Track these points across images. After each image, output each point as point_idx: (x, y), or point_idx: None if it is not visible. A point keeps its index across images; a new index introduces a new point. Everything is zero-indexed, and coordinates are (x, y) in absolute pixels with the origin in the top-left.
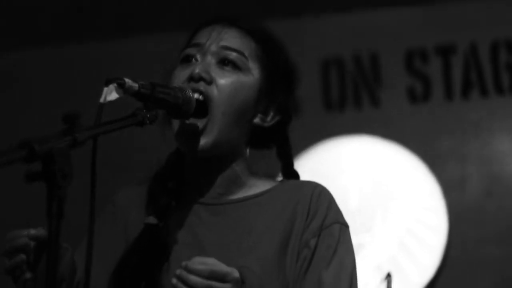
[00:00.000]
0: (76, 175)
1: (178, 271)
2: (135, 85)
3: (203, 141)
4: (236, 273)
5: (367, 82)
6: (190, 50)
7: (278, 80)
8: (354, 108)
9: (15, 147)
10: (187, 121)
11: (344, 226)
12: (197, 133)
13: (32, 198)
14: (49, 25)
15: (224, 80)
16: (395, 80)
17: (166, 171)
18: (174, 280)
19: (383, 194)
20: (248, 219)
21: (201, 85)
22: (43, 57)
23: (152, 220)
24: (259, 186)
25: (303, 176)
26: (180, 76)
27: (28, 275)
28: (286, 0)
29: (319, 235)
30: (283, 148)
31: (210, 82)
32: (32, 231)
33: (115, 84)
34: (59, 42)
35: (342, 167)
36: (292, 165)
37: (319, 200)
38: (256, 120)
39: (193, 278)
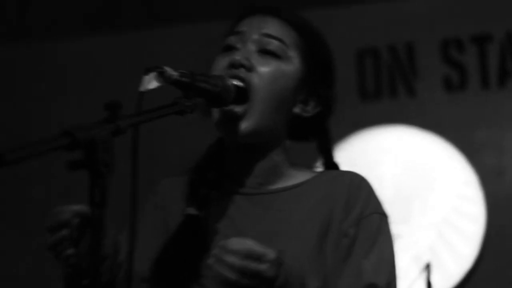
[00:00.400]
0: (117, 163)
1: (215, 250)
2: (175, 74)
3: (244, 125)
4: (273, 254)
5: (402, 72)
6: (232, 39)
7: (319, 71)
8: (390, 98)
9: (58, 135)
10: (227, 108)
11: (384, 216)
12: (237, 118)
13: (75, 187)
14: (82, 15)
15: (265, 67)
16: (430, 70)
17: (206, 161)
18: (211, 260)
19: (420, 184)
20: (288, 209)
21: (241, 72)
22: (78, 47)
23: (192, 210)
24: (298, 177)
25: (341, 165)
26: (221, 64)
27: (70, 250)
28: None
29: (358, 225)
30: (323, 141)
31: (250, 69)
32: (75, 207)
33: (155, 73)
34: (93, 32)
35: (378, 157)
36: (332, 158)
37: (359, 189)
38: (296, 109)
39: (230, 258)
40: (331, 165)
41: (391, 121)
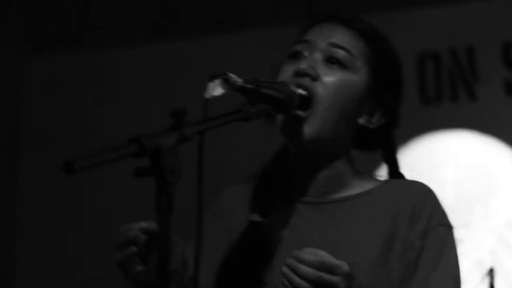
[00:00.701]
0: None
1: (288, 260)
2: (240, 80)
3: (306, 129)
4: (346, 267)
5: (463, 76)
6: (299, 47)
7: (386, 83)
8: (451, 103)
9: (125, 143)
10: (292, 112)
11: (449, 227)
12: (301, 121)
13: (142, 194)
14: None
15: (330, 77)
16: (492, 74)
17: (272, 168)
18: (285, 269)
19: (481, 188)
20: (352, 218)
21: (306, 81)
22: (139, 54)
23: (256, 217)
24: (362, 186)
25: (402, 170)
26: (286, 71)
27: (139, 267)
28: None
29: (425, 237)
30: (389, 151)
31: (315, 78)
32: (143, 224)
33: (220, 79)
34: (156, 38)
35: (440, 162)
36: (398, 168)
37: (424, 200)
38: (361, 120)
39: (303, 268)
40: (397, 175)
41: (452, 126)
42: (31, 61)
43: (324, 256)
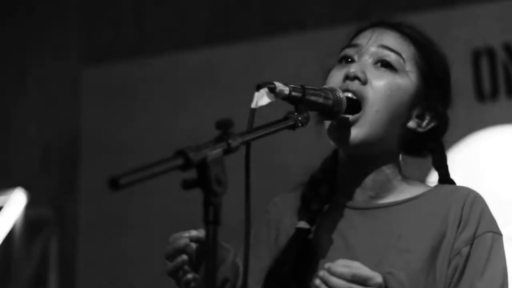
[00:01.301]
0: (231, 179)
1: (321, 273)
2: (286, 89)
3: (355, 132)
4: (379, 278)
5: None
6: (348, 51)
7: (436, 87)
8: (507, 98)
9: (171, 156)
10: (339, 117)
11: (498, 234)
12: (349, 124)
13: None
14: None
15: (380, 80)
16: None
17: (320, 175)
18: (317, 281)
19: None
20: (399, 223)
21: (355, 84)
22: (196, 58)
23: (303, 224)
24: (410, 191)
25: (458, 167)
26: (336, 76)
27: (190, 276)
28: None
29: (472, 244)
30: (439, 157)
31: (365, 82)
32: (193, 233)
33: (266, 89)
34: (210, 42)
35: (495, 158)
36: (448, 174)
37: (472, 207)
38: (411, 124)
39: (335, 280)
40: (447, 181)
41: (508, 122)
42: (88, 71)
43: (357, 268)
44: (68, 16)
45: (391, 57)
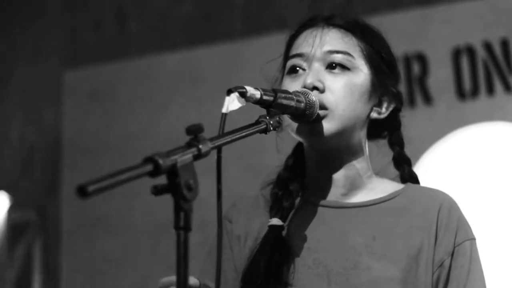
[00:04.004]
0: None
1: None
2: (257, 93)
3: (326, 125)
4: None
5: (499, 69)
6: (296, 61)
7: (385, 69)
8: (487, 96)
9: (141, 162)
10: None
11: (474, 240)
12: (319, 119)
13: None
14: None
15: (336, 84)
16: None
17: (287, 173)
18: None
19: None
20: (373, 224)
21: (315, 94)
22: (177, 59)
23: (276, 221)
24: (381, 189)
25: (438, 164)
26: (292, 87)
27: None
28: None
29: (452, 254)
30: (395, 135)
31: (323, 90)
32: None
33: (236, 93)
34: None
35: (476, 155)
36: (404, 152)
37: (450, 215)
38: (374, 114)
39: None
40: (403, 160)
41: (489, 119)
42: (70, 73)
43: None
44: (49, 18)
45: (339, 57)
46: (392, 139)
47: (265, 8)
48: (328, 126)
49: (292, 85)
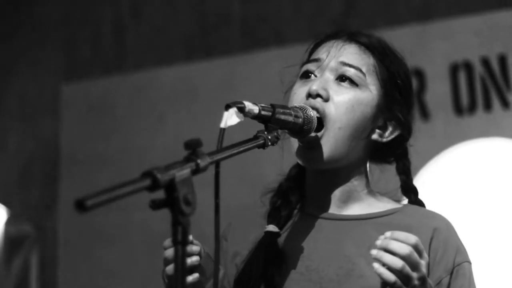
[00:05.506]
0: None
1: (379, 241)
2: (255, 108)
3: (318, 153)
4: (424, 269)
5: (496, 85)
6: (310, 66)
7: (397, 95)
8: (485, 112)
9: (139, 177)
10: (307, 136)
11: (470, 263)
12: (313, 145)
13: None
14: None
15: (341, 97)
16: None
17: (288, 183)
18: (374, 251)
19: None
20: (367, 235)
21: (318, 102)
22: (176, 74)
23: (272, 228)
24: (378, 205)
25: (436, 180)
26: (299, 93)
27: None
28: (413, 6)
29: (452, 273)
30: (402, 163)
31: (327, 99)
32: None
33: (235, 109)
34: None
35: (473, 171)
36: (411, 180)
37: (449, 235)
38: (374, 135)
39: (396, 244)
40: (410, 189)
41: (486, 135)
42: (68, 87)
43: (417, 239)
44: (48, 31)
45: (351, 72)
46: (397, 167)
47: (263, 23)
48: (320, 153)
49: (301, 89)
